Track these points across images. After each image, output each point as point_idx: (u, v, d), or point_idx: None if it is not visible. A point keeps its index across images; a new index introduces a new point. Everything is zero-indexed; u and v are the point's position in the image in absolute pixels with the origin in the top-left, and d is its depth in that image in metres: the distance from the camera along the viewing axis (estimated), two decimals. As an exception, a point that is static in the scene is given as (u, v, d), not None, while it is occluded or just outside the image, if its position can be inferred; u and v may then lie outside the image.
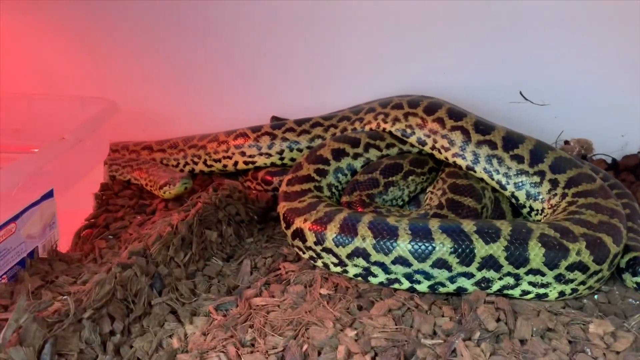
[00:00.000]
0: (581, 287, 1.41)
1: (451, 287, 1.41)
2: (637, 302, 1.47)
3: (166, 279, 1.50)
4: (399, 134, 1.89)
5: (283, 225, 1.66)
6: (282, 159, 2.03)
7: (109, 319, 1.32)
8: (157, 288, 1.48)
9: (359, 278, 1.49)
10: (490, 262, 1.37)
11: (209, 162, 2.10)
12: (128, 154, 2.24)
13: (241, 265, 1.64)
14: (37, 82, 2.35)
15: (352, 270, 1.48)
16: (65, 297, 1.37)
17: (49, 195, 1.66)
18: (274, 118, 2.23)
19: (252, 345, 1.29)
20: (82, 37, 2.32)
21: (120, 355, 1.31)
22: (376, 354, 1.24)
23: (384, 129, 1.93)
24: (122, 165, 2.11)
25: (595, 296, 1.48)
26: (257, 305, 1.44)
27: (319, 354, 1.24)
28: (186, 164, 2.15)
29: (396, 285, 1.45)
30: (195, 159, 2.12)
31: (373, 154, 1.88)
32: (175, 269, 1.54)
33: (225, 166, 2.09)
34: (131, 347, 1.33)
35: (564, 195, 1.60)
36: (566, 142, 2.17)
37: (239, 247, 1.77)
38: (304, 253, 1.59)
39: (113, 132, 2.25)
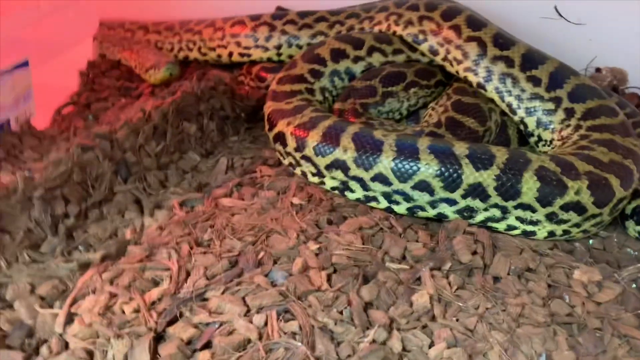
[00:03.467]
0: (574, 230, 1.28)
1: (431, 213, 1.30)
2: (636, 253, 1.34)
3: (134, 167, 1.42)
4: (409, 39, 1.70)
5: (266, 126, 1.54)
6: (279, 54, 1.87)
7: (63, 200, 1.26)
8: (122, 175, 1.40)
9: (336, 191, 1.38)
10: (477, 191, 1.24)
11: (203, 50, 1.95)
12: (123, 32, 2.10)
13: (218, 163, 1.55)
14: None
15: (329, 183, 1.37)
16: (25, 172, 1.31)
17: (24, 65, 1.56)
18: (279, 8, 2.03)
19: (208, 246, 1.22)
20: None
21: (72, 238, 1.26)
22: (335, 271, 1.16)
23: (394, 32, 1.73)
24: (114, 43, 1.98)
25: (590, 241, 1.35)
26: (224, 206, 1.36)
27: (275, 263, 1.17)
28: (180, 49, 2.00)
29: (373, 204, 1.34)
30: (190, 45, 1.97)
31: (376, 58, 1.70)
32: (146, 158, 1.46)
33: (219, 56, 1.93)
34: (85, 232, 1.28)
35: (577, 127, 1.43)
36: (598, 70, 1.94)
37: (221, 144, 1.66)
38: (284, 158, 1.48)
39: (108, 9, 2.10)
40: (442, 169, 1.24)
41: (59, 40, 1.70)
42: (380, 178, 1.29)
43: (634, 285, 1.22)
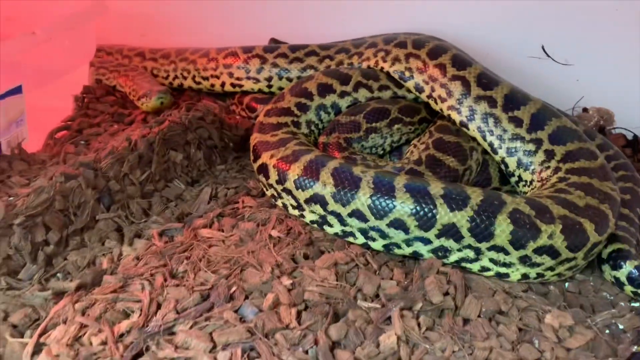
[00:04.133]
0: (548, 273, 1.28)
1: (407, 250, 1.31)
2: (611, 298, 1.34)
3: (117, 195, 1.45)
4: (396, 76, 1.73)
5: (251, 157, 1.56)
6: (270, 86, 1.90)
7: (44, 228, 1.28)
8: (105, 203, 1.42)
9: (315, 225, 1.40)
10: (451, 231, 1.25)
11: (197, 79, 1.99)
12: (121, 59, 2.15)
13: (201, 192, 1.57)
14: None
15: (308, 216, 1.39)
16: (9, 198, 1.34)
17: (17, 91, 1.60)
18: (273, 40, 2.08)
19: (182, 278, 1.24)
20: None
21: (52, 265, 1.28)
22: (306, 308, 1.17)
23: (381, 68, 1.76)
24: (110, 69, 2.02)
25: (566, 284, 1.35)
26: (202, 237, 1.38)
27: (246, 298, 1.18)
28: (175, 77, 2.04)
29: (351, 239, 1.35)
30: (185, 74, 2.01)
31: (362, 94, 1.72)
32: (130, 186, 1.48)
33: (212, 85, 1.97)
34: (65, 259, 1.29)
35: (557, 170, 1.44)
36: (584, 110, 1.95)
37: (208, 173, 1.69)
38: (267, 190, 1.50)
39: (110, 34, 2.16)
40: (417, 207, 1.25)
41: (56, 66, 1.74)
42: (357, 214, 1.30)
43: (607, 332, 1.22)
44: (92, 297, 1.15)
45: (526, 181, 1.50)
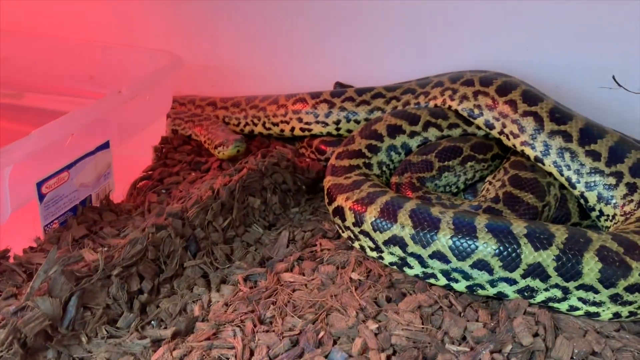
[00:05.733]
0: (642, 311, 1.25)
1: (491, 291, 1.30)
2: None
3: (202, 242, 1.51)
4: (465, 114, 1.74)
5: (326, 200, 1.60)
6: (338, 129, 1.95)
7: (138, 277, 1.35)
8: (191, 250, 1.49)
9: (394, 267, 1.41)
10: (537, 271, 1.24)
11: (267, 125, 2.07)
12: (194, 109, 2.26)
13: (280, 236, 1.62)
14: (113, 32, 2.40)
15: (387, 258, 1.41)
16: (103, 248, 1.43)
17: (105, 146, 1.71)
18: (338, 84, 2.13)
19: (270, 323, 1.27)
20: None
21: (146, 313, 1.34)
22: (394, 353, 1.18)
23: (449, 107, 1.78)
24: (185, 120, 2.13)
25: (661, 322, 1.30)
26: (285, 282, 1.41)
27: (335, 343, 1.20)
28: (246, 124, 2.12)
29: (432, 280, 1.36)
30: (255, 120, 2.09)
31: (432, 133, 1.74)
32: (213, 233, 1.55)
33: (282, 130, 2.04)
34: (157, 306, 1.36)
35: (641, 203, 1.41)
36: (663, 139, 1.90)
37: (283, 216, 1.74)
38: (343, 232, 1.53)
39: (182, 85, 2.28)
40: (501, 248, 1.25)
41: (138, 120, 1.85)
42: (438, 255, 1.31)
43: None
44: (188, 344, 1.20)
45: (608, 215, 1.47)
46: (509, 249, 1.24)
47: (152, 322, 1.32)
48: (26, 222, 1.53)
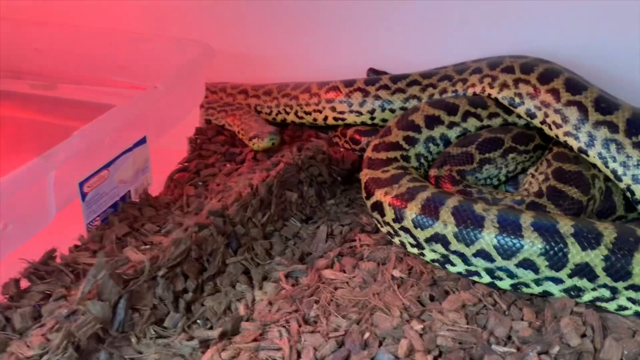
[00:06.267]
0: (694, 311, 1.22)
1: (536, 290, 1.29)
2: None
3: (242, 238, 1.52)
4: (505, 102, 1.70)
5: (364, 194, 1.59)
6: (372, 118, 1.92)
7: (183, 277, 1.37)
8: (232, 247, 1.50)
9: (436, 264, 1.40)
10: (584, 271, 1.22)
11: (299, 114, 2.05)
12: (225, 97, 2.25)
13: (318, 230, 1.62)
14: (142, 22, 2.39)
15: (429, 255, 1.40)
16: (146, 246, 1.45)
17: (142, 141, 1.71)
18: (371, 70, 2.09)
19: (315, 323, 1.28)
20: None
21: (191, 312, 1.36)
22: (440, 354, 1.18)
23: (489, 95, 1.74)
24: (218, 109, 2.12)
25: None
26: (327, 279, 1.42)
27: (380, 344, 1.21)
28: (278, 112, 2.11)
29: (475, 278, 1.35)
30: (287, 109, 2.08)
31: (472, 123, 1.71)
32: (253, 229, 1.55)
33: (315, 120, 2.02)
34: (202, 305, 1.38)
35: (692, 197, 1.37)
36: None
37: (319, 209, 1.74)
38: (382, 227, 1.52)
39: (211, 73, 2.26)
40: (547, 247, 1.23)
41: (173, 114, 1.85)
42: (483, 254, 1.29)
43: None
44: (235, 345, 1.21)
45: (656, 209, 1.44)
46: (556, 249, 1.23)
47: (198, 321, 1.34)
48: (68, 221, 1.55)
